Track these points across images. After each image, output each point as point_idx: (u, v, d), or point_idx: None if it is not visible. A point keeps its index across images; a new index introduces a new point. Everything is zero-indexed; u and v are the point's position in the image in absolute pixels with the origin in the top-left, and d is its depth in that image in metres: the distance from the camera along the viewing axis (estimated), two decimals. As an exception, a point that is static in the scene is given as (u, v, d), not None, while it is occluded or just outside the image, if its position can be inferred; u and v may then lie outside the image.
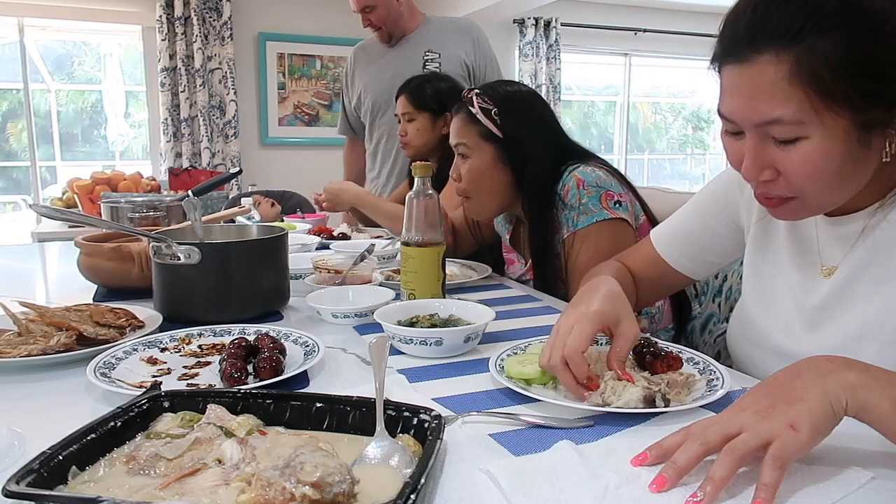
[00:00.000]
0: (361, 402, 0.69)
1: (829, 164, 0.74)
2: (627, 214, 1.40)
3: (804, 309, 0.91)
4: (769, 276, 0.98)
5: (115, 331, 1.03)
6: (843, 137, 0.73)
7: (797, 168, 0.76)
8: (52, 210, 1.17)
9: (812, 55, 0.70)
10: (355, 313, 1.16)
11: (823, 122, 0.72)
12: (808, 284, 0.91)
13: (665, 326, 1.47)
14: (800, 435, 0.58)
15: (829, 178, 0.76)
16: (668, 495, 0.59)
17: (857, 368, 0.63)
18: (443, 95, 2.20)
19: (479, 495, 0.60)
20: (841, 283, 0.87)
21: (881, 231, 0.83)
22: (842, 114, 0.72)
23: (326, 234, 2.14)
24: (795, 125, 0.73)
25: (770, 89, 0.73)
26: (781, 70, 0.72)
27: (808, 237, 0.92)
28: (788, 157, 0.76)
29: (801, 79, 0.71)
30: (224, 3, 4.60)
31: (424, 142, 2.21)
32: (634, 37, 6.20)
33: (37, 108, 4.70)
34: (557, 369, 0.81)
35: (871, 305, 0.83)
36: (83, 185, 3.30)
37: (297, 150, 5.09)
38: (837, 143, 0.73)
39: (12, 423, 0.73)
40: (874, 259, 0.84)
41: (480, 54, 2.51)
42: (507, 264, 1.71)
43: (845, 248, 0.87)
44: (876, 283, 0.83)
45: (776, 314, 0.96)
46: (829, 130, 0.73)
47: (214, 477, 0.58)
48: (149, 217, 2.30)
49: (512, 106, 1.47)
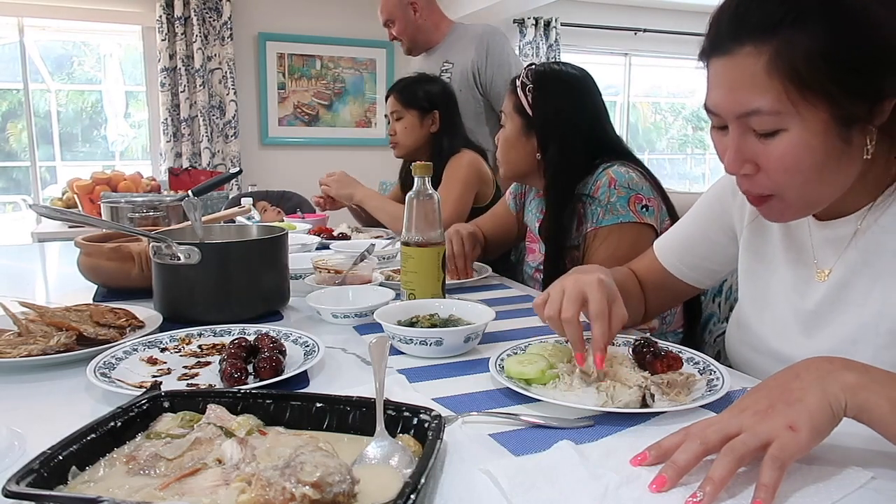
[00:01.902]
0: (361, 402, 0.69)
1: (808, 157, 0.75)
2: (653, 219, 1.41)
3: (800, 313, 0.91)
4: (764, 280, 0.98)
5: (115, 331, 1.03)
6: (821, 131, 0.73)
7: (776, 161, 0.76)
8: (52, 210, 1.17)
9: (790, 47, 0.71)
10: (355, 313, 1.16)
11: (801, 115, 0.73)
12: (803, 287, 0.91)
13: (675, 329, 1.47)
14: (799, 435, 0.58)
15: (808, 172, 0.76)
16: (667, 495, 0.59)
17: (856, 369, 0.63)
18: (430, 94, 2.21)
19: (479, 495, 0.60)
20: (834, 287, 0.87)
21: (872, 234, 0.83)
22: (820, 107, 0.72)
23: (326, 234, 2.14)
24: (773, 116, 0.74)
25: (750, 81, 0.74)
26: (761, 62, 0.73)
27: (802, 240, 0.92)
28: (768, 149, 0.76)
29: (779, 70, 0.72)
30: (224, 3, 4.60)
31: (413, 140, 2.21)
32: (634, 37, 6.20)
33: (37, 108, 4.70)
34: (572, 323, 0.85)
35: (864, 309, 0.84)
36: (83, 186, 3.30)
37: (297, 150, 5.09)
38: (816, 137, 0.74)
39: (12, 423, 0.73)
40: (866, 262, 0.84)
41: (490, 61, 2.48)
42: (528, 252, 1.73)
43: (838, 252, 0.87)
44: (868, 286, 0.84)
45: (773, 318, 0.96)
46: (808, 123, 0.73)
47: (214, 477, 0.58)
48: (149, 217, 2.30)
49: (547, 85, 1.50)
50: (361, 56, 5.13)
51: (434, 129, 2.21)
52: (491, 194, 2.20)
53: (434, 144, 2.21)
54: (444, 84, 2.29)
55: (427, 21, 2.56)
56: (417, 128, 2.20)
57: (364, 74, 5.18)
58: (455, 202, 2.05)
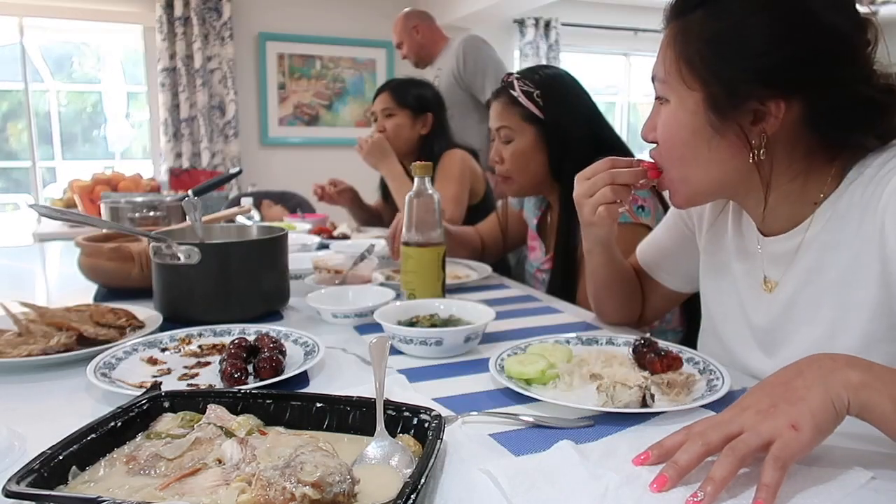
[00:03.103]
0: (361, 402, 0.69)
1: (679, 132, 0.84)
2: (649, 220, 1.41)
3: (757, 331, 0.93)
4: (722, 290, 1.00)
5: (115, 331, 1.03)
6: (692, 110, 0.82)
7: (660, 127, 0.86)
8: (52, 210, 1.17)
9: (688, 25, 0.82)
10: (355, 313, 1.16)
11: (677, 89, 0.83)
12: (754, 302, 0.93)
13: (675, 328, 1.47)
14: (801, 435, 0.58)
15: (681, 149, 0.84)
16: (668, 495, 0.59)
17: (859, 367, 0.63)
18: (424, 96, 2.21)
19: (479, 495, 0.60)
20: (784, 305, 0.88)
21: (812, 252, 0.84)
22: (694, 86, 0.81)
23: (326, 234, 2.14)
24: (662, 84, 0.85)
25: (662, 50, 0.85)
26: (670, 35, 0.84)
27: (753, 251, 0.93)
28: (659, 116, 0.87)
29: (675, 43, 0.83)
30: (224, 3, 4.60)
31: (403, 140, 2.19)
32: (634, 37, 6.19)
33: (37, 108, 4.70)
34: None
35: (815, 328, 0.85)
36: (83, 186, 3.30)
37: (297, 150, 5.09)
38: (686, 114, 0.82)
39: (12, 423, 0.73)
40: (809, 280, 0.85)
41: (467, 69, 2.90)
42: (529, 251, 1.73)
43: (784, 267, 0.88)
44: (814, 305, 0.85)
45: (735, 332, 0.97)
46: (682, 99, 0.83)
47: (214, 477, 0.58)
48: (149, 217, 2.30)
49: (553, 89, 1.50)
50: (361, 56, 5.13)
51: (425, 131, 2.20)
52: (482, 191, 2.20)
53: (424, 146, 2.20)
54: (435, 88, 2.33)
55: (427, 40, 3.12)
56: (408, 128, 2.19)
57: (364, 74, 5.18)
58: (452, 200, 2.04)
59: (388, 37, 4.30)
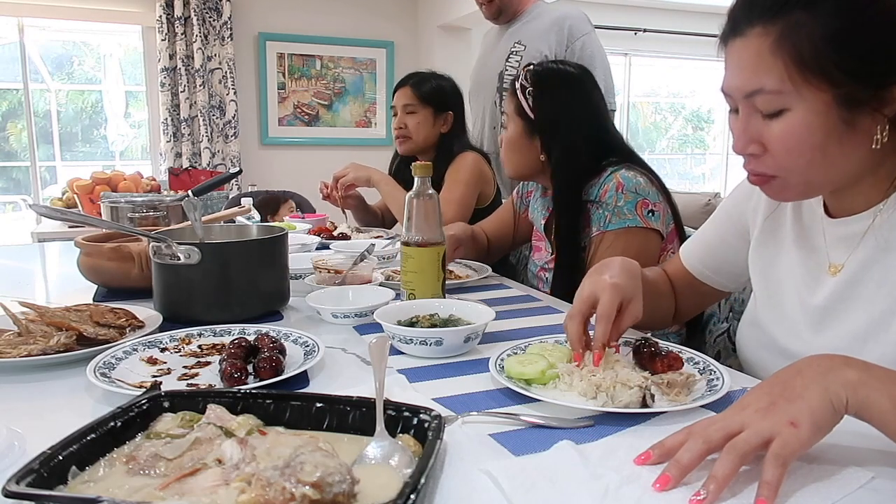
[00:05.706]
0: (361, 402, 0.69)
1: (810, 138, 0.77)
2: (658, 224, 1.42)
3: (809, 309, 0.91)
4: (777, 278, 0.99)
5: (115, 331, 1.03)
6: (823, 111, 0.76)
7: (779, 141, 0.79)
8: (52, 210, 1.18)
9: (795, 28, 0.75)
10: (355, 313, 1.16)
11: (802, 95, 0.76)
12: (812, 283, 0.91)
13: (675, 329, 1.47)
14: (800, 432, 0.58)
15: (811, 153, 0.78)
16: (670, 494, 0.59)
17: (857, 366, 0.63)
18: (446, 94, 2.19)
19: (479, 495, 0.60)
20: (845, 283, 0.87)
21: (884, 231, 0.83)
22: (822, 87, 0.75)
23: (326, 234, 2.14)
24: (775, 95, 0.77)
25: (756, 60, 0.77)
26: (767, 42, 0.76)
27: (815, 237, 0.92)
28: (771, 129, 0.79)
29: (782, 50, 0.75)
30: (224, 3, 4.60)
31: (424, 137, 2.18)
32: (634, 37, 6.19)
33: (37, 108, 4.70)
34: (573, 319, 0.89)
35: (874, 307, 0.83)
36: (83, 185, 3.30)
37: (297, 150, 5.08)
38: (818, 117, 0.76)
39: (12, 423, 0.73)
40: (877, 260, 0.84)
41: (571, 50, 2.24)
42: (534, 251, 1.73)
43: (850, 249, 0.87)
44: (878, 284, 0.84)
45: (783, 315, 0.96)
46: (809, 104, 0.76)
47: (214, 477, 0.58)
48: (149, 217, 2.30)
49: (546, 87, 1.49)
50: (361, 56, 5.13)
51: (445, 129, 2.19)
52: (492, 195, 2.19)
53: (442, 145, 2.19)
54: (455, 84, 2.26)
55: None
56: (430, 125, 2.17)
57: (364, 74, 5.18)
58: (458, 203, 2.04)
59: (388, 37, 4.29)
